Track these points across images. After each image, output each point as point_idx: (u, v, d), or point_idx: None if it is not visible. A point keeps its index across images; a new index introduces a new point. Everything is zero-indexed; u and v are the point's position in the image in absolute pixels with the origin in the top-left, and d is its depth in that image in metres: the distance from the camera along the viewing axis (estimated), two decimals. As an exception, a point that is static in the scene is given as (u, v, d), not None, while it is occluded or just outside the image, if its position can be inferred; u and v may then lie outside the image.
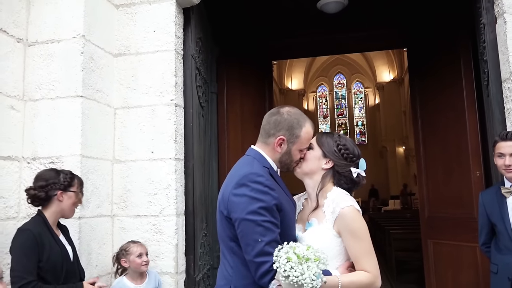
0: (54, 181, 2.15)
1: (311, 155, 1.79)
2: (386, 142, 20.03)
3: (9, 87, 2.66)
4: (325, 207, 1.70)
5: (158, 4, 3.02)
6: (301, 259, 1.36)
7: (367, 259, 1.61)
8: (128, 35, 3.05)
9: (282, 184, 1.75)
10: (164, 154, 2.90)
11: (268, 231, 1.52)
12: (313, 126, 1.79)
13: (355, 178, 1.75)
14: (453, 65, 3.87)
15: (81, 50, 2.70)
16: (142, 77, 2.99)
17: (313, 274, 1.35)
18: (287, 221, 1.65)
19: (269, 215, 1.55)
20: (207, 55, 3.83)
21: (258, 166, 1.69)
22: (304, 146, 1.76)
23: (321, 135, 1.83)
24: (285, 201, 1.66)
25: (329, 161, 1.76)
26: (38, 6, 2.81)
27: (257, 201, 1.55)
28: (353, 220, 1.63)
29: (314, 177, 1.78)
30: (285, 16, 4.72)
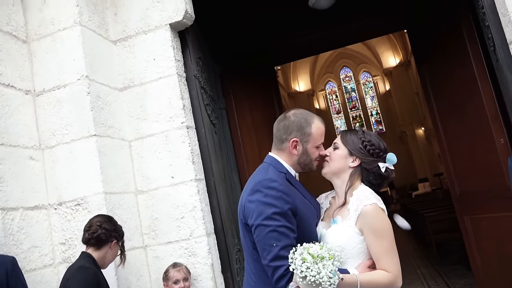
0: (117, 228, 2.26)
1: (337, 155, 1.78)
2: (404, 127, 19.77)
3: (25, 139, 2.73)
4: (350, 205, 1.70)
5: (153, 32, 3.06)
6: (316, 258, 1.39)
7: (388, 259, 1.59)
8: (130, 68, 3.10)
9: (300, 188, 1.77)
10: (184, 177, 2.92)
11: (282, 236, 1.55)
12: (322, 121, 1.81)
13: (384, 173, 1.73)
14: (457, 38, 3.81)
15: (87, 91, 2.75)
16: (150, 106, 3.03)
17: (329, 272, 1.38)
18: (305, 225, 1.66)
19: (284, 220, 1.57)
20: (210, 73, 3.86)
21: (273, 172, 1.72)
22: (319, 142, 1.78)
23: (345, 133, 1.81)
24: (302, 206, 1.67)
25: (356, 159, 1.75)
26: (40, 56, 2.89)
27: (271, 207, 1.58)
28: (375, 218, 1.62)
29: (342, 175, 1.77)
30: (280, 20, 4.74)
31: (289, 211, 1.59)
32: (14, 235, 2.48)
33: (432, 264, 6.74)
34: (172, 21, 3.03)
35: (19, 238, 2.51)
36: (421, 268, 6.68)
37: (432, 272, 6.32)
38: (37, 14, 2.91)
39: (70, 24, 2.82)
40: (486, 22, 2.85)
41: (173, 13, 3.03)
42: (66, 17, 2.83)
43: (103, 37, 3.05)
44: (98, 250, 2.19)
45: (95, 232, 2.17)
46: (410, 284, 5.79)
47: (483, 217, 3.86)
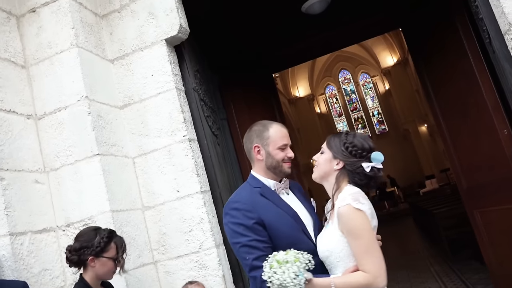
0: (88, 244, 2.05)
1: (322, 159, 1.82)
2: (407, 125, 19.73)
3: (29, 163, 2.74)
4: (335, 209, 1.71)
5: (150, 48, 3.09)
6: (281, 263, 1.51)
7: (366, 259, 1.58)
8: (128, 85, 3.12)
9: (277, 200, 1.86)
10: (190, 190, 2.92)
11: (252, 249, 1.70)
12: (283, 126, 1.93)
13: (369, 173, 1.73)
14: (452, 33, 3.82)
15: (87, 111, 2.77)
16: (151, 121, 3.05)
17: (293, 273, 1.48)
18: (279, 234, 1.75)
19: (252, 234, 1.72)
20: (208, 85, 3.88)
21: (243, 191, 1.91)
22: (280, 143, 1.87)
23: (329, 137, 1.86)
24: (273, 217, 1.78)
25: (340, 162, 1.77)
26: (39, 80, 2.91)
27: (238, 225, 1.75)
28: (349, 219, 1.62)
29: (329, 179, 1.81)
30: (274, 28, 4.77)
31: (255, 225, 1.73)
32: (24, 259, 2.48)
33: (445, 260, 6.69)
34: (167, 36, 3.06)
35: (29, 262, 2.51)
36: (434, 265, 6.63)
37: (445, 269, 6.26)
38: (34, 39, 2.94)
39: (67, 46, 2.84)
40: (480, 15, 2.86)
41: (168, 28, 3.06)
42: (62, 40, 2.86)
43: (100, 57, 3.07)
44: (85, 271, 2.09)
45: (67, 257, 2.08)
46: (424, 283, 5.74)
47: (493, 210, 3.83)
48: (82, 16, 2.99)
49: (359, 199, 1.64)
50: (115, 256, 2.11)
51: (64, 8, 2.87)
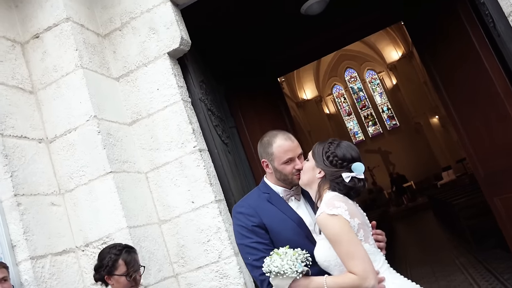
0: (100, 264, 2.15)
1: (306, 167, 1.84)
2: (418, 118, 19.53)
3: (44, 186, 2.77)
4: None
5: (153, 63, 3.11)
6: (280, 255, 1.62)
7: (351, 261, 1.58)
8: (135, 101, 3.14)
9: (283, 207, 1.91)
10: (204, 200, 2.92)
11: (254, 250, 1.81)
12: (287, 138, 1.93)
13: (348, 184, 1.71)
14: (455, 21, 3.78)
15: (97, 130, 2.79)
16: (161, 135, 3.06)
17: (291, 261, 1.59)
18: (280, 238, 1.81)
19: (254, 236, 1.83)
20: (215, 94, 3.89)
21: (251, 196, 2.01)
22: (284, 158, 1.89)
23: (315, 145, 1.84)
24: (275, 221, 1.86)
25: (321, 171, 1.76)
26: (48, 104, 2.95)
27: (241, 228, 1.87)
28: (326, 227, 1.63)
29: (313, 186, 1.81)
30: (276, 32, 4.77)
31: (257, 228, 1.84)
32: (46, 282, 2.50)
33: (470, 252, 6.56)
34: (169, 50, 3.08)
35: (51, 284, 2.53)
36: (459, 257, 6.51)
37: (471, 259, 6.14)
38: (39, 64, 2.99)
39: (72, 68, 2.88)
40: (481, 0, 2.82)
41: (170, 41, 3.08)
42: (67, 62, 2.90)
43: (105, 76, 3.11)
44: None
45: (93, 276, 2.19)
46: (450, 275, 5.64)
47: (512, 195, 3.76)
48: (85, 37, 3.03)
49: (333, 204, 1.64)
50: (126, 272, 2.13)
51: (66, 31, 2.91)
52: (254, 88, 4.80)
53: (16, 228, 2.49)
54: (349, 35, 5.89)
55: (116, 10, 3.24)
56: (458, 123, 4.21)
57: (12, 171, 2.56)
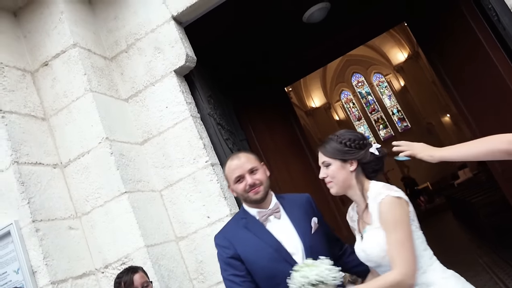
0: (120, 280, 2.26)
1: (333, 170, 1.74)
2: (429, 118, 19.35)
3: (61, 211, 2.80)
4: (370, 208, 1.66)
5: (161, 82, 3.15)
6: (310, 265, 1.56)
7: (398, 253, 1.50)
8: (145, 121, 3.17)
9: (260, 232, 1.88)
10: (220, 214, 2.92)
11: (232, 283, 1.83)
12: (234, 158, 1.99)
13: (379, 155, 1.72)
14: (459, 18, 3.76)
15: (110, 151, 2.82)
16: (172, 152, 3.08)
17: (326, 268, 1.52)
18: (257, 267, 1.82)
19: (231, 269, 1.84)
20: (223, 108, 3.91)
21: (229, 224, 2.05)
22: (233, 178, 1.94)
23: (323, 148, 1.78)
24: (252, 251, 1.84)
25: (352, 162, 1.72)
26: (60, 130, 3.00)
27: (220, 260, 1.91)
28: (389, 209, 1.56)
29: (351, 184, 1.74)
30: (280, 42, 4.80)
31: (231, 260, 1.85)
32: (68, 306, 2.51)
33: (493, 250, 6.42)
34: (176, 67, 3.11)
35: (73, 308, 2.54)
36: (482, 257, 6.37)
37: (495, 258, 6.01)
38: (50, 90, 3.04)
39: (82, 92, 2.93)
40: (483, -6, 2.82)
41: (175, 59, 3.12)
42: (77, 87, 2.95)
43: (114, 98, 3.15)
44: None
45: None
46: (475, 276, 5.52)
47: (532, 189, 3.69)
48: (92, 61, 3.08)
49: (392, 188, 1.62)
50: None
51: (74, 57, 2.97)
52: (262, 99, 4.82)
53: (36, 254, 2.52)
54: (353, 40, 5.91)
55: (121, 33, 3.29)
56: (470, 120, 4.17)
57: (29, 198, 2.59)
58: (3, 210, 2.62)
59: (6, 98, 2.77)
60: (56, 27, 3.03)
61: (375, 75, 21.76)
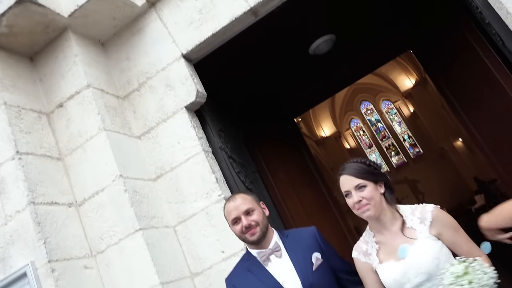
0: None
1: (369, 191, 1.72)
2: (441, 143, 19.19)
3: (76, 250, 2.80)
4: (409, 223, 1.68)
5: (172, 118, 3.20)
6: (463, 262, 1.48)
7: (473, 245, 1.64)
8: (158, 157, 3.21)
9: (262, 275, 1.91)
10: (234, 248, 2.89)
11: None
12: (230, 200, 2.06)
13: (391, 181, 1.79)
14: (464, 43, 3.81)
15: (123, 189, 2.85)
16: (185, 187, 3.09)
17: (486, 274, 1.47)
18: None
19: None
20: (234, 141, 3.95)
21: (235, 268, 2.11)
22: (230, 219, 2.03)
23: (353, 170, 1.78)
24: None
25: (381, 184, 1.74)
26: (75, 169, 3.04)
27: None
28: (446, 215, 1.68)
29: (383, 207, 1.74)
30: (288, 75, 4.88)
31: None
32: None
33: (517, 276, 6.19)
34: (186, 103, 3.18)
35: None
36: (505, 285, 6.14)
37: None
38: (64, 131, 3.11)
39: (96, 131, 2.99)
40: (486, 20, 2.86)
41: (186, 95, 3.18)
42: (91, 127, 3.01)
43: (127, 136, 3.20)
44: None
45: None
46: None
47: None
48: (105, 101, 3.16)
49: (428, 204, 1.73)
50: None
51: (88, 97, 3.05)
52: (272, 130, 4.86)
53: (52, 294, 2.51)
54: (359, 70, 5.98)
55: (133, 72, 3.39)
56: (483, 144, 4.14)
57: (45, 238, 2.61)
58: (19, 251, 2.64)
59: (23, 140, 2.83)
60: (71, 69, 3.13)
61: (384, 102, 21.81)
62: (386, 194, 1.75)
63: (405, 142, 21.24)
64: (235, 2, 3.13)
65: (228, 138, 3.69)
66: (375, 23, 4.65)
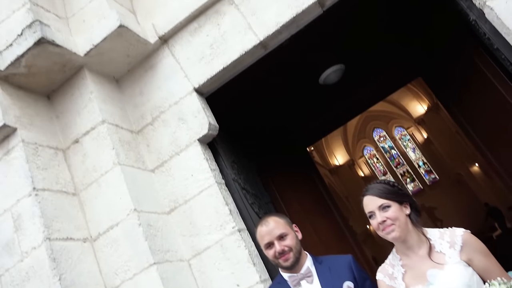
0: None
1: (394, 212, 1.68)
2: (457, 168, 18.88)
3: (91, 286, 2.79)
4: (438, 247, 1.61)
5: (185, 151, 3.24)
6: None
7: (504, 271, 1.58)
8: (171, 190, 3.23)
9: None
10: (249, 281, 2.85)
11: None
12: (263, 224, 2.07)
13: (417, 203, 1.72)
14: (474, 68, 3.81)
15: (138, 223, 2.85)
16: (199, 220, 3.09)
17: None
18: None
19: None
20: (247, 172, 3.95)
21: None
22: (262, 244, 2.03)
23: (377, 190, 1.74)
24: None
25: (406, 205, 1.69)
26: (89, 204, 3.07)
27: None
28: (477, 240, 1.61)
29: (409, 228, 1.68)
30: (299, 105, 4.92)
31: None
32: None
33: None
34: (199, 136, 3.21)
35: None
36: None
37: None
38: (80, 166, 3.16)
39: (110, 166, 3.03)
40: (495, 46, 2.87)
41: (199, 128, 3.22)
42: (105, 162, 3.06)
43: (141, 169, 3.24)
44: None
45: None
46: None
47: None
48: (120, 136, 3.21)
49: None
50: None
51: (103, 133, 3.11)
52: (285, 160, 4.85)
53: (66, 332, 2.48)
54: (370, 98, 6.00)
55: (146, 107, 3.46)
56: (499, 169, 4.08)
57: (61, 274, 2.61)
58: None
59: (39, 176, 2.88)
60: (86, 106, 3.21)
61: (397, 128, 21.71)
62: (412, 215, 1.70)
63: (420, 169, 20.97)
64: (245, 36, 3.21)
65: (241, 169, 3.70)
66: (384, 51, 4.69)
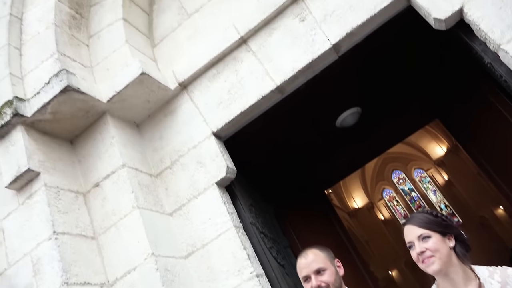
0: None
1: (434, 243, 1.56)
2: (481, 211, 18.33)
3: (106, 332, 2.74)
4: (488, 286, 1.51)
5: (203, 194, 3.25)
6: None
7: None
8: (189, 234, 3.21)
9: None
10: (268, 329, 2.76)
11: None
12: (302, 256, 2.01)
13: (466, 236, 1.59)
14: (491, 109, 3.81)
15: (155, 267, 2.83)
16: (217, 265, 3.04)
17: None
18: None
19: None
20: (265, 216, 3.92)
21: None
22: (301, 277, 1.98)
23: (418, 220, 1.62)
24: None
25: (450, 237, 1.59)
26: (107, 248, 3.06)
27: None
28: None
29: (452, 262, 1.57)
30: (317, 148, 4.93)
31: None
32: None
33: None
34: (217, 180, 3.23)
35: None
36: None
37: None
38: (99, 210, 3.19)
39: (129, 210, 3.05)
40: (511, 86, 2.87)
41: (216, 172, 3.25)
42: (124, 205, 3.08)
43: (159, 213, 3.25)
44: None
45: None
46: None
47: None
48: (139, 179, 3.26)
49: None
50: None
51: (123, 176, 3.16)
52: (303, 204, 4.81)
53: None
54: (387, 141, 5.98)
55: (165, 151, 3.52)
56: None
57: (77, 320, 2.58)
58: (50, 334, 2.60)
59: (60, 220, 2.92)
60: (107, 151, 3.29)
61: (416, 170, 21.38)
62: (457, 249, 1.58)
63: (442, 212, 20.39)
64: (262, 81, 3.30)
65: (259, 213, 3.68)
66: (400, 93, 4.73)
